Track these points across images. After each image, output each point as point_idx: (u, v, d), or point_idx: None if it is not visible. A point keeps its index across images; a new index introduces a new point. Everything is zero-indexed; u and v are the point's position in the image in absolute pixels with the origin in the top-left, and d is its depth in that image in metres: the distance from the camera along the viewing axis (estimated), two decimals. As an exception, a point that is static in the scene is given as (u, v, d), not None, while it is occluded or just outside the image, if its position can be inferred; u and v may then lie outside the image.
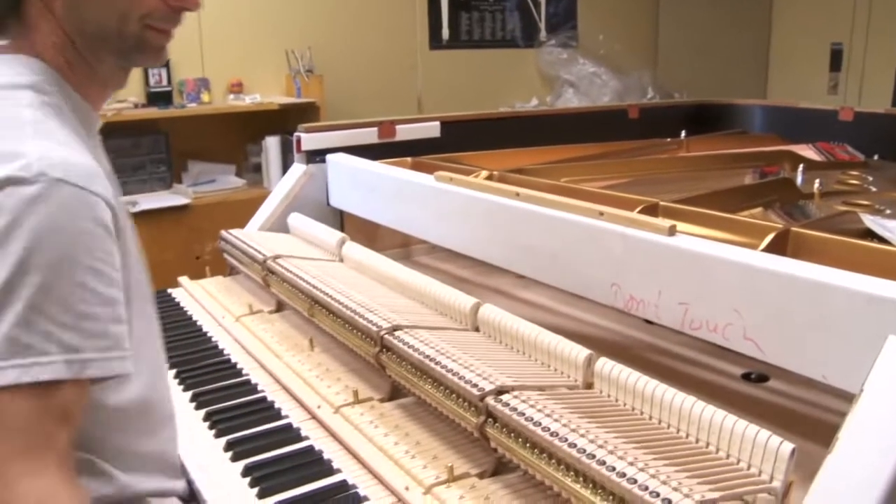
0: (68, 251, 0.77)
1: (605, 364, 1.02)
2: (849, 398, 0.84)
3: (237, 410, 1.30)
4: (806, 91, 4.76)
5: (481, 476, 1.04)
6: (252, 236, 1.86)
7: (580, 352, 1.07)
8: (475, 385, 1.01)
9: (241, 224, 2.01)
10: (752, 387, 1.31)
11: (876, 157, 2.33)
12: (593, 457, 0.83)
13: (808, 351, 0.94)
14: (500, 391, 0.99)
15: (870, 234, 1.43)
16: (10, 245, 0.74)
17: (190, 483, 1.11)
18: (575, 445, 0.86)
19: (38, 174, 0.76)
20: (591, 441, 0.86)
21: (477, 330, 1.27)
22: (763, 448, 0.82)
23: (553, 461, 0.89)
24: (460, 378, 1.03)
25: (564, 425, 0.89)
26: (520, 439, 0.94)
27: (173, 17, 0.92)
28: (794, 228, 1.22)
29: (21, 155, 0.77)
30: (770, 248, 1.16)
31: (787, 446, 0.81)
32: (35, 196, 0.75)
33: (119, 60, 0.93)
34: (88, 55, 0.90)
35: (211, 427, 1.25)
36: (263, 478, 1.09)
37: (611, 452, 0.83)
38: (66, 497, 0.76)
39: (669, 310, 1.12)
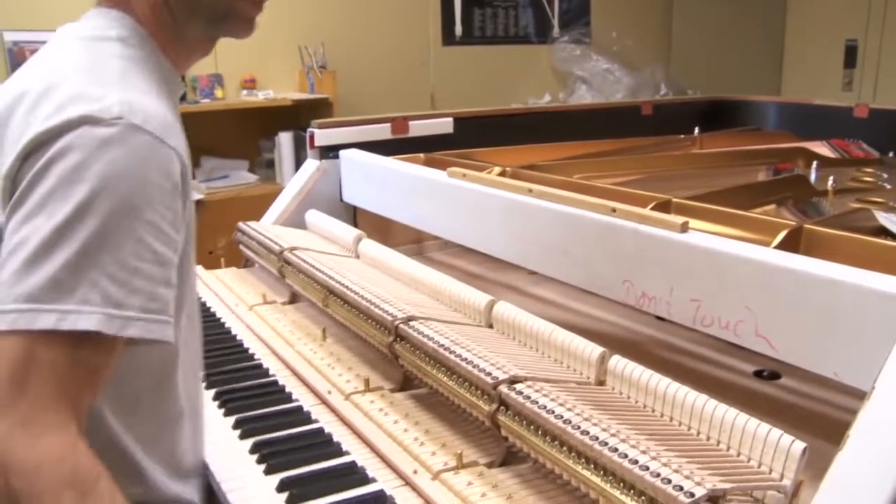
0: (132, 200, 0.75)
1: (618, 362, 1.03)
2: (860, 396, 0.84)
3: (247, 392, 1.31)
4: (820, 87, 4.73)
5: (490, 465, 1.05)
6: (269, 229, 1.87)
7: (594, 349, 1.07)
8: (489, 374, 1.02)
9: (255, 220, 2.02)
10: (763, 384, 1.31)
11: (891, 155, 2.32)
12: (605, 444, 0.84)
13: (821, 348, 0.94)
14: (513, 380, 1.00)
15: (884, 232, 1.43)
16: (76, 186, 0.73)
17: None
18: (587, 433, 0.86)
19: (117, 117, 0.76)
20: (604, 430, 0.86)
21: (491, 327, 1.27)
22: (774, 447, 0.82)
23: (564, 449, 0.89)
24: (474, 367, 1.04)
25: (577, 414, 0.90)
26: (531, 427, 0.94)
27: None
28: (807, 225, 1.22)
29: (102, 98, 0.77)
30: (783, 245, 1.16)
31: (799, 445, 0.81)
32: (109, 138, 0.75)
33: (209, 27, 0.93)
34: (180, 17, 0.91)
35: (220, 406, 1.26)
36: (271, 455, 1.10)
37: (623, 441, 0.84)
38: (86, 455, 0.74)
39: (681, 306, 1.12)
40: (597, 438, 0.85)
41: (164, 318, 0.79)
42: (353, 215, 2.09)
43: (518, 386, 0.98)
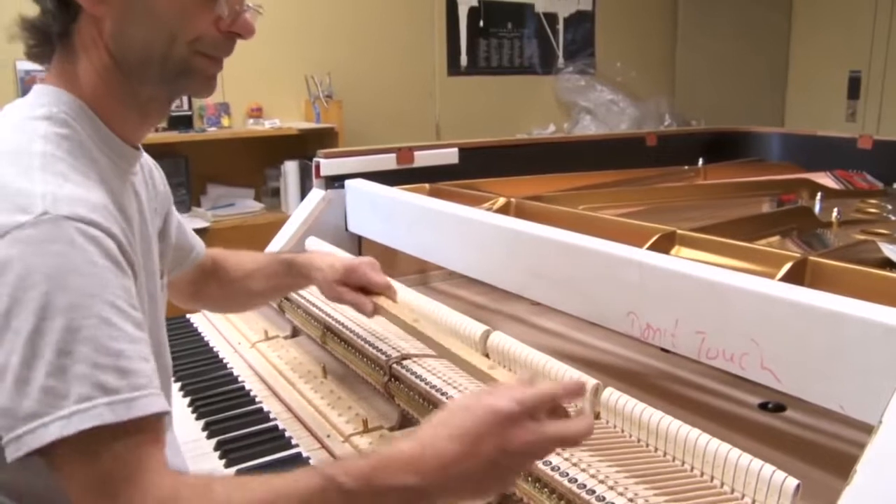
0: (87, 288, 0.73)
1: (611, 394, 1.02)
2: (867, 429, 0.83)
3: (248, 440, 1.30)
4: (824, 119, 4.75)
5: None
6: (270, 261, 1.87)
7: (587, 381, 1.06)
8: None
9: (260, 248, 2.02)
10: (768, 416, 1.30)
11: (895, 186, 2.33)
12: (593, 492, 0.83)
13: (826, 381, 0.93)
14: None
15: (888, 264, 1.43)
16: (29, 293, 0.71)
17: None
18: (575, 480, 0.86)
19: (42, 213, 0.74)
20: (592, 476, 0.86)
21: (487, 357, 1.27)
22: (767, 483, 0.81)
23: (554, 495, 0.89)
24: None
25: (566, 459, 0.89)
26: (521, 472, 0.94)
27: (225, 44, 0.89)
28: (811, 257, 1.22)
29: (25, 193, 0.75)
30: (788, 278, 1.16)
31: (792, 482, 0.80)
32: (42, 237, 0.73)
33: (164, 88, 0.89)
34: (133, 80, 0.87)
35: (222, 457, 1.26)
36: None
37: (611, 488, 0.84)
38: (181, 485, 0.73)
39: (686, 339, 1.12)
40: (584, 486, 0.85)
41: (155, 391, 0.76)
42: (359, 245, 2.09)
43: None
